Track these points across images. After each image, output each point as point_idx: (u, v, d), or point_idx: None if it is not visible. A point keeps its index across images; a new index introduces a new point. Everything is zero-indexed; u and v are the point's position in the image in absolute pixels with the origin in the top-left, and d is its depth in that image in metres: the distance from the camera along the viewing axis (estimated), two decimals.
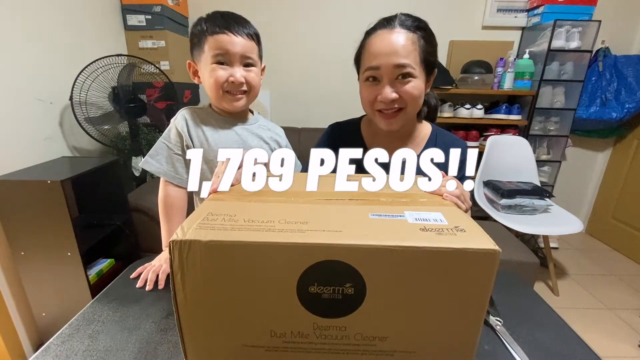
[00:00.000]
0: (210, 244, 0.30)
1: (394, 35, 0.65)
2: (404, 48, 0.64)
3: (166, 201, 0.75)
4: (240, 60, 0.71)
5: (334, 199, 0.40)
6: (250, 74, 0.72)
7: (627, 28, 2.12)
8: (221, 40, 0.68)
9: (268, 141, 0.83)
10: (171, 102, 1.65)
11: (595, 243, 2.39)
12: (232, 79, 0.70)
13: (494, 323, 0.52)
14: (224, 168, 0.48)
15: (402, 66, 0.64)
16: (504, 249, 0.29)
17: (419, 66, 0.66)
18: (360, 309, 0.32)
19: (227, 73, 0.70)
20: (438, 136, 0.78)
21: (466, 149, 0.74)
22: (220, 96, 0.72)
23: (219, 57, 0.69)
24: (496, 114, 2.06)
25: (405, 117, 0.70)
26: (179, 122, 0.74)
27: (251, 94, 0.75)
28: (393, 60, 0.64)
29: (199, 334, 0.34)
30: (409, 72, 0.65)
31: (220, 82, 0.70)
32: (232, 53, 0.69)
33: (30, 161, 1.28)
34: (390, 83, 0.66)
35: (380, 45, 0.66)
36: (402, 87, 0.66)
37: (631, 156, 2.19)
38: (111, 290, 0.63)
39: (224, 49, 0.68)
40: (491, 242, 0.30)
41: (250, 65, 0.73)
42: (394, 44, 0.64)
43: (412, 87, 0.66)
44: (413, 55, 0.64)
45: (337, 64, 2.19)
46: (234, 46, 0.68)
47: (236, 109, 0.75)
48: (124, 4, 1.83)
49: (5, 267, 1.20)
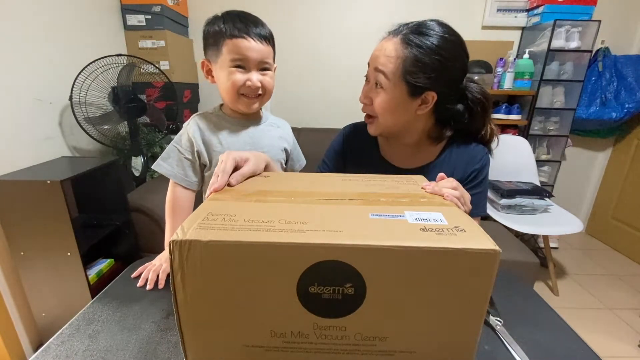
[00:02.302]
0: (210, 244, 0.30)
1: (384, 43, 0.65)
2: (384, 57, 0.64)
3: (174, 202, 0.76)
4: (258, 65, 0.72)
5: (334, 199, 0.40)
6: (266, 78, 0.74)
7: (627, 28, 2.12)
8: (240, 45, 0.68)
9: (277, 140, 0.84)
10: (171, 102, 1.65)
11: (595, 243, 2.39)
12: (250, 83, 0.71)
13: (494, 323, 0.52)
14: (223, 167, 0.48)
15: (378, 71, 0.65)
16: (504, 249, 0.29)
17: (396, 78, 0.63)
18: (360, 309, 0.32)
19: (245, 77, 0.71)
20: (454, 143, 0.73)
21: (486, 159, 0.72)
22: (236, 99, 0.74)
23: (238, 62, 0.70)
24: (496, 114, 2.06)
25: (380, 127, 0.70)
26: (191, 128, 0.76)
27: (265, 96, 0.76)
28: (373, 64, 0.66)
29: (199, 334, 0.34)
30: (381, 82, 0.65)
31: (238, 85, 0.71)
32: (251, 59, 0.70)
33: (30, 161, 1.28)
34: (371, 86, 0.68)
35: (374, 49, 0.68)
36: (374, 97, 0.67)
37: (631, 156, 2.19)
38: (111, 290, 0.63)
39: (243, 54, 0.69)
40: (491, 242, 0.30)
41: (267, 70, 0.74)
42: (379, 49, 0.65)
43: (379, 99, 0.66)
44: (390, 68, 0.63)
45: (337, 63, 2.19)
46: (252, 52, 0.69)
47: (251, 110, 0.77)
48: (123, 4, 1.83)
49: (5, 267, 1.20)
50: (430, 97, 0.65)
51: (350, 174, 0.52)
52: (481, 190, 0.72)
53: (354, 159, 0.80)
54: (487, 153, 0.73)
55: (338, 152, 0.81)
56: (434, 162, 0.73)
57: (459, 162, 0.72)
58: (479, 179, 0.71)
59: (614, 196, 2.29)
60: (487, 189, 0.73)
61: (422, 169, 0.74)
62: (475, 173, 0.71)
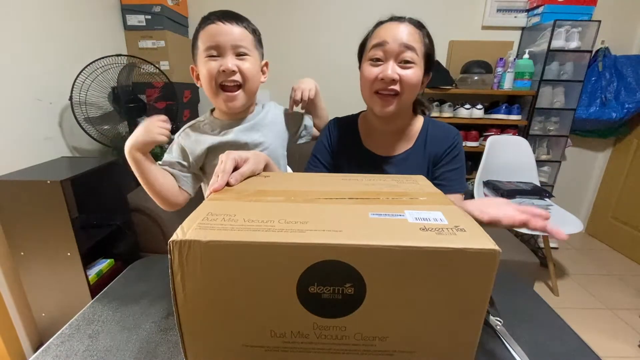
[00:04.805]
0: (210, 244, 0.30)
1: (403, 24, 0.69)
2: (411, 35, 0.68)
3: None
4: (233, 50, 0.67)
5: (333, 199, 0.40)
6: (245, 64, 0.68)
7: (627, 28, 2.12)
8: (211, 31, 0.66)
9: (261, 139, 0.78)
10: (171, 102, 1.65)
11: (595, 243, 2.39)
12: (223, 67, 0.66)
13: (494, 323, 0.52)
14: (223, 167, 0.48)
15: (408, 47, 0.67)
16: (504, 249, 0.29)
17: (421, 57, 0.69)
18: (360, 309, 0.32)
19: (218, 63, 0.66)
20: (429, 129, 0.79)
21: (458, 138, 0.78)
22: (215, 92, 0.69)
23: (211, 51, 0.66)
24: (496, 114, 2.06)
25: (400, 104, 0.71)
26: (182, 140, 0.74)
27: (247, 87, 0.70)
28: (401, 39, 0.67)
29: (199, 334, 0.34)
30: (412, 57, 0.67)
31: (213, 73, 0.66)
32: (222, 43, 0.65)
33: (30, 161, 1.28)
34: (393, 62, 0.68)
35: (390, 28, 0.69)
36: (403, 72, 0.68)
37: (631, 156, 2.19)
38: (111, 290, 0.63)
39: (214, 40, 0.65)
40: (491, 242, 0.30)
41: (244, 55, 0.68)
42: (403, 29, 0.68)
43: (413, 73, 0.68)
44: (418, 45, 0.68)
45: (336, 63, 2.19)
46: (224, 36, 0.65)
47: (233, 109, 0.72)
48: (123, 4, 1.83)
49: (4, 267, 1.20)
50: (427, 79, 0.74)
51: (350, 174, 0.52)
52: (458, 167, 0.76)
53: (339, 150, 0.83)
54: (458, 132, 0.78)
55: (325, 146, 0.85)
56: (412, 148, 0.78)
57: (433, 144, 0.77)
58: (454, 154, 0.76)
59: (614, 196, 2.29)
60: (464, 166, 0.77)
61: (402, 155, 0.78)
62: (450, 150, 0.76)
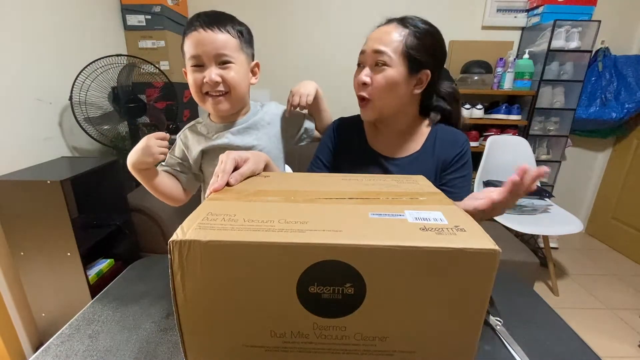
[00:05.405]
0: (210, 244, 0.30)
1: (384, 27, 0.70)
2: (387, 35, 0.68)
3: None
4: (215, 59, 0.65)
5: (333, 199, 0.40)
6: (229, 72, 0.66)
7: (627, 28, 2.12)
8: (192, 40, 0.64)
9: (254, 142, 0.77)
10: (171, 102, 1.65)
11: (595, 243, 2.39)
12: (206, 79, 0.65)
13: (494, 323, 0.52)
14: (223, 167, 0.48)
15: (378, 51, 0.67)
16: (504, 249, 0.29)
17: (398, 56, 0.67)
18: (360, 309, 0.32)
19: (202, 75, 0.65)
20: (438, 132, 0.78)
21: (467, 145, 0.77)
22: (202, 100, 0.69)
23: (194, 60, 0.65)
24: (496, 114, 2.06)
25: (375, 107, 0.72)
26: (182, 141, 0.77)
27: (233, 94, 0.69)
28: (372, 45, 0.68)
29: (199, 334, 0.34)
30: (385, 60, 0.67)
31: (198, 84, 0.66)
32: (204, 53, 0.64)
33: (30, 161, 1.28)
34: (370, 67, 0.70)
35: (371, 35, 0.71)
36: (374, 75, 0.69)
37: (631, 156, 2.19)
38: (111, 290, 0.63)
39: (196, 50, 0.64)
40: (491, 242, 0.30)
41: (228, 63, 0.66)
42: (379, 34, 0.69)
43: (382, 76, 0.68)
44: (394, 45, 0.67)
45: (336, 62, 2.19)
46: (205, 46, 0.63)
47: (220, 113, 0.71)
48: (123, 4, 1.83)
49: (4, 267, 1.20)
50: (425, 77, 0.70)
51: (350, 174, 0.52)
52: (465, 174, 0.76)
53: (344, 150, 0.82)
54: (467, 139, 0.77)
55: (329, 146, 0.84)
56: (420, 151, 0.77)
57: (442, 149, 0.76)
58: (462, 162, 0.76)
59: (614, 196, 2.29)
60: (470, 173, 0.77)
61: (409, 157, 0.77)
62: (458, 157, 0.75)
